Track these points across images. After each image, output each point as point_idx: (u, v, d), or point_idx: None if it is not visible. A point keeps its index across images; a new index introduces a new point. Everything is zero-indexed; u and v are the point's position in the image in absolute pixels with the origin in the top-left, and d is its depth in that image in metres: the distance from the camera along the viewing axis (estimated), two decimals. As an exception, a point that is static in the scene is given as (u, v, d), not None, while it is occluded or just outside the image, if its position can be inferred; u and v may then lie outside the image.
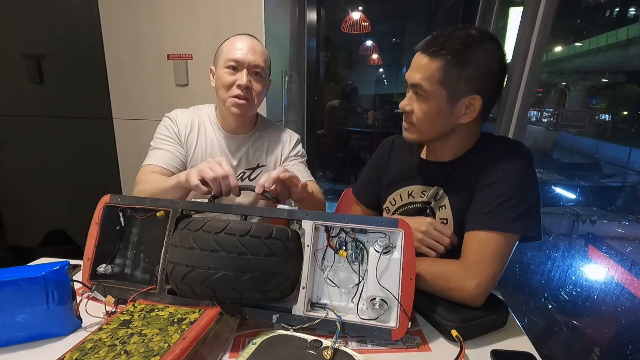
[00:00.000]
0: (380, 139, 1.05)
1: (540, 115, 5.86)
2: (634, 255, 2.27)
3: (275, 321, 0.65)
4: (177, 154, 1.03)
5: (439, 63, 0.70)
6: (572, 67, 6.11)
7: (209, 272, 0.59)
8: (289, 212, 0.67)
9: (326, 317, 0.63)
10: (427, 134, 0.79)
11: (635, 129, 5.06)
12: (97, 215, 0.74)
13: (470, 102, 0.73)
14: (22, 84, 1.79)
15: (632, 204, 3.30)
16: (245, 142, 1.10)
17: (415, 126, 0.78)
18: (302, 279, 0.65)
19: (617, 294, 2.06)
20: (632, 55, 5.08)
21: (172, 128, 1.05)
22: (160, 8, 1.60)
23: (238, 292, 0.60)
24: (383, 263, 0.63)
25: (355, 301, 0.66)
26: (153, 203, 0.74)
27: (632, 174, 4.30)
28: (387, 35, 5.14)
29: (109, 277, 0.75)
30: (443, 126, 0.77)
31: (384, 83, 5.27)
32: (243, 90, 0.98)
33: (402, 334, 0.61)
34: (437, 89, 0.72)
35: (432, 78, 0.71)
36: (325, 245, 0.67)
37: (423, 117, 0.75)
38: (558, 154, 5.29)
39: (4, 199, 2.00)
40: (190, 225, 0.63)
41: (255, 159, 1.12)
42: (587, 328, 1.85)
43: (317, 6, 2.39)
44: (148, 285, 0.71)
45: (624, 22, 5.06)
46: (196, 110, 1.11)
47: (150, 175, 0.98)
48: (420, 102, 0.75)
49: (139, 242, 0.77)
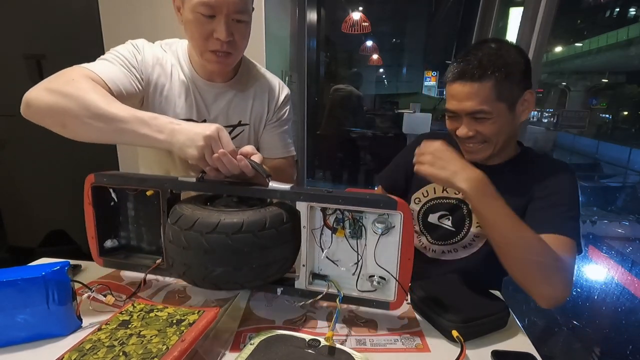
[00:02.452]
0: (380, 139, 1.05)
1: (540, 115, 5.86)
2: (634, 255, 2.27)
3: (279, 294, 0.68)
4: (131, 81, 0.76)
5: (489, 83, 0.73)
6: (572, 67, 6.12)
7: (206, 270, 0.59)
8: (282, 193, 0.64)
9: (327, 290, 0.65)
10: (500, 143, 0.81)
11: (635, 129, 5.06)
12: (87, 196, 0.72)
13: (524, 99, 0.78)
14: (22, 84, 1.78)
15: (632, 204, 3.31)
16: (224, 92, 0.89)
17: (489, 142, 0.80)
18: (301, 257, 0.66)
19: (617, 294, 2.06)
20: (632, 55, 5.09)
21: (135, 56, 0.80)
22: (160, 8, 1.60)
23: (239, 284, 0.61)
24: (381, 243, 0.64)
25: (354, 276, 0.67)
26: (139, 183, 0.69)
27: (632, 174, 4.30)
28: (387, 35, 5.14)
29: (117, 249, 0.76)
30: (510, 130, 0.80)
31: (384, 83, 5.27)
32: (223, 45, 0.76)
33: (399, 306, 0.64)
34: (496, 105, 0.75)
35: (489, 99, 0.74)
36: (322, 224, 0.66)
37: (495, 133, 0.78)
38: (558, 154, 5.29)
39: (4, 199, 1.99)
40: (180, 222, 0.60)
41: (237, 114, 0.91)
42: (587, 328, 1.85)
43: (317, 6, 2.39)
44: (156, 255, 0.73)
45: (624, 22, 5.07)
46: (165, 47, 0.86)
47: (85, 77, 0.68)
48: (484, 123, 0.77)
49: (136, 216, 0.76)
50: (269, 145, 0.98)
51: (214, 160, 0.62)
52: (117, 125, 0.63)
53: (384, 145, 3.50)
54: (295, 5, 2.00)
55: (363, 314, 0.69)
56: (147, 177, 0.71)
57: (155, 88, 0.82)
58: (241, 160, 0.64)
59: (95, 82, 0.68)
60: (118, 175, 0.71)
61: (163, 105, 0.83)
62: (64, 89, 0.64)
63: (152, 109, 0.82)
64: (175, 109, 0.84)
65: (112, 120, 0.63)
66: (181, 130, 0.63)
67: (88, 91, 0.64)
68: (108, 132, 0.64)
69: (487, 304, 0.67)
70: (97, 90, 0.66)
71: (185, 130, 0.63)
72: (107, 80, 0.71)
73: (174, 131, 0.63)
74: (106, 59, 0.76)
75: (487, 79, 0.73)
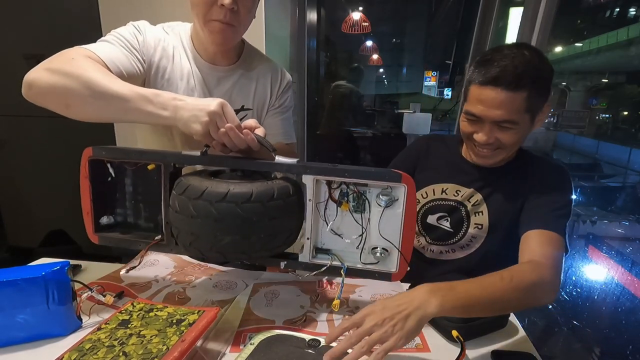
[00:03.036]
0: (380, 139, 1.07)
1: (540, 115, 5.85)
2: (634, 255, 2.26)
3: (282, 267, 0.68)
4: (132, 63, 0.75)
5: (523, 94, 0.71)
6: (572, 67, 6.11)
7: (215, 239, 0.59)
8: (288, 166, 0.64)
9: (331, 263, 0.66)
10: (512, 151, 0.82)
11: (635, 129, 5.06)
12: (84, 169, 0.70)
13: (544, 110, 0.77)
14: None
15: (632, 204, 3.30)
16: (227, 76, 0.88)
17: (503, 149, 0.79)
18: (305, 230, 0.66)
19: (617, 294, 2.06)
20: (632, 55, 5.08)
21: (137, 37, 0.78)
22: (160, 8, 1.60)
23: (246, 254, 0.62)
24: (385, 216, 0.65)
25: (358, 249, 0.68)
26: (140, 156, 0.68)
27: (632, 174, 4.29)
28: (387, 35, 5.14)
29: (113, 227, 0.74)
30: (525, 137, 0.80)
31: (384, 83, 5.27)
32: (227, 14, 0.73)
33: (401, 277, 0.66)
34: (523, 116, 0.74)
35: (519, 109, 0.72)
36: (327, 197, 0.67)
37: (514, 143, 0.77)
38: (558, 154, 5.28)
39: (4, 199, 2.00)
40: (188, 192, 0.59)
41: (240, 98, 0.90)
42: (587, 328, 1.85)
43: (317, 6, 2.39)
44: (153, 232, 0.71)
45: (624, 22, 5.06)
46: (167, 29, 0.85)
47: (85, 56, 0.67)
48: (507, 132, 0.75)
49: (135, 192, 0.74)
50: (271, 131, 0.97)
51: (220, 135, 0.62)
52: (121, 104, 0.62)
53: (384, 145, 3.50)
54: (295, 5, 2.00)
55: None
56: (149, 151, 0.70)
57: (157, 70, 0.80)
58: (247, 134, 0.63)
59: (95, 62, 0.67)
60: (118, 149, 0.70)
61: (165, 88, 0.81)
62: (64, 68, 0.63)
63: None
64: (178, 91, 0.82)
65: (115, 99, 0.62)
66: (185, 106, 0.62)
67: (89, 69, 0.63)
68: (111, 110, 0.64)
69: (487, 304, 0.67)
70: (99, 68, 0.65)
71: (190, 105, 0.62)
72: (107, 61, 0.69)
73: (178, 107, 0.62)
74: (107, 40, 0.74)
75: (522, 90, 0.70)
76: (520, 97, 0.71)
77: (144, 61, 0.78)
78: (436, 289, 0.55)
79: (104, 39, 0.75)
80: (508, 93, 0.70)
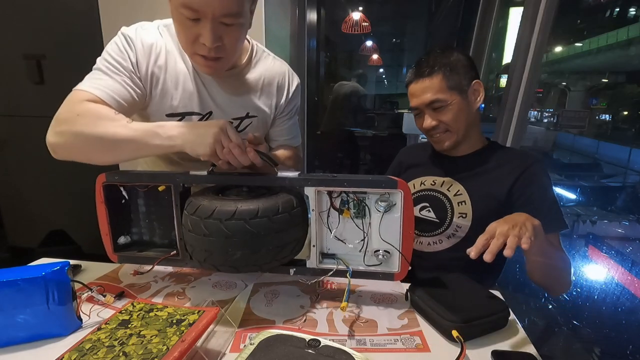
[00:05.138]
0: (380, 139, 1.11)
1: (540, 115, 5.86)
2: (634, 255, 2.27)
3: (292, 274, 0.72)
4: (128, 89, 0.74)
5: (439, 76, 0.87)
6: (572, 67, 6.12)
7: (227, 254, 0.63)
8: (291, 180, 0.69)
9: (337, 267, 0.70)
10: (462, 130, 0.91)
11: (635, 129, 5.06)
12: (99, 195, 0.73)
13: (474, 88, 0.90)
14: (22, 84, 1.79)
15: (632, 204, 3.31)
16: (230, 82, 0.83)
17: (451, 130, 0.90)
18: (311, 238, 0.70)
19: (617, 294, 2.06)
20: (632, 55, 5.08)
21: (129, 55, 0.74)
22: (160, 7, 1.60)
23: (257, 266, 0.66)
24: (385, 220, 0.69)
25: (361, 252, 0.72)
26: (150, 179, 0.73)
27: (632, 174, 4.29)
28: (387, 35, 5.14)
29: (130, 245, 0.79)
30: (468, 117, 0.91)
31: (384, 83, 5.27)
32: (211, 51, 0.70)
33: (403, 276, 0.70)
34: (449, 94, 0.88)
35: (441, 89, 0.87)
36: (329, 206, 0.71)
37: (454, 119, 0.89)
38: (558, 154, 5.28)
39: (4, 199, 1.99)
40: (199, 212, 0.63)
41: (244, 104, 0.86)
42: (587, 328, 1.85)
43: (317, 6, 2.39)
44: (168, 248, 0.77)
45: (624, 22, 5.07)
46: (163, 30, 0.80)
47: (86, 105, 0.68)
48: (443, 111, 0.89)
49: (148, 212, 0.79)
50: (279, 137, 0.99)
51: (225, 154, 0.66)
52: (131, 146, 0.67)
53: (384, 145, 3.50)
54: (295, 5, 2.00)
55: (363, 314, 0.69)
56: (158, 173, 0.75)
57: (152, 80, 0.78)
58: (250, 151, 0.67)
59: (97, 104, 0.69)
60: (129, 173, 0.74)
61: (159, 100, 0.79)
62: (73, 130, 0.67)
63: (151, 103, 0.80)
64: (172, 102, 0.80)
65: (125, 143, 0.67)
66: (190, 131, 0.67)
67: (95, 125, 0.66)
68: (126, 153, 0.69)
69: (487, 304, 0.67)
70: (102, 116, 0.68)
71: (194, 130, 0.67)
72: (106, 99, 0.70)
73: (183, 133, 0.67)
74: (100, 69, 0.74)
75: (436, 73, 0.87)
76: (437, 79, 0.87)
77: (140, 78, 0.77)
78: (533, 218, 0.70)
79: (97, 68, 0.74)
80: (426, 79, 0.88)
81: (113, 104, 0.71)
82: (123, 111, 0.72)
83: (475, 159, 0.94)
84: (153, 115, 0.81)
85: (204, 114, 0.84)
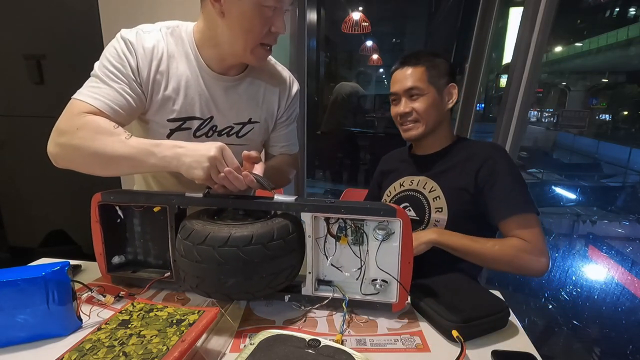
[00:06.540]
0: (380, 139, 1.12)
1: (540, 115, 5.87)
2: (634, 255, 2.27)
3: (287, 301, 0.70)
4: (128, 97, 0.74)
5: (422, 68, 0.94)
6: (572, 67, 6.12)
7: (219, 281, 0.61)
8: (287, 205, 0.66)
9: (333, 296, 0.68)
10: (430, 123, 0.96)
11: (635, 129, 5.06)
12: (94, 214, 0.73)
13: (449, 90, 0.97)
14: (22, 84, 1.79)
15: (632, 204, 3.31)
16: (234, 86, 0.84)
17: (420, 120, 0.96)
18: (307, 265, 0.68)
19: (617, 294, 2.07)
20: (632, 55, 5.08)
21: (128, 60, 0.74)
22: (160, 7, 1.60)
23: (250, 293, 0.63)
24: (383, 249, 0.67)
25: (358, 280, 0.70)
26: (147, 199, 0.71)
27: (632, 174, 4.29)
28: (387, 35, 5.14)
29: (124, 265, 0.78)
30: (438, 113, 0.96)
31: (384, 83, 5.26)
32: (276, 39, 0.78)
33: (401, 307, 0.68)
34: (427, 85, 0.94)
35: (422, 79, 0.94)
36: (326, 232, 0.69)
37: (425, 109, 0.94)
38: (558, 153, 5.28)
39: (4, 199, 2.00)
40: (192, 237, 0.62)
41: (247, 109, 0.87)
42: (587, 328, 1.85)
43: (317, 6, 2.39)
44: (163, 269, 0.75)
45: (624, 22, 5.06)
46: (165, 33, 0.79)
47: (85, 118, 0.68)
48: (417, 100, 0.95)
49: (143, 232, 0.78)
50: (277, 144, 0.99)
51: (221, 179, 0.65)
52: (128, 162, 0.67)
53: (384, 145, 3.50)
54: (295, 5, 2.00)
55: (363, 314, 0.69)
56: (154, 194, 0.74)
57: (153, 87, 0.77)
58: (246, 176, 0.66)
59: (96, 116, 0.70)
60: (124, 192, 0.74)
61: (160, 105, 0.79)
62: (72, 143, 0.68)
63: (151, 108, 0.79)
64: (174, 106, 0.79)
65: (122, 159, 0.67)
66: (186, 153, 0.65)
67: (93, 139, 0.67)
68: (123, 169, 0.70)
69: (487, 304, 0.67)
70: (101, 131, 0.68)
71: (190, 152, 0.65)
72: (105, 110, 0.71)
73: (179, 155, 0.65)
74: (98, 77, 0.73)
75: (421, 65, 0.94)
76: (420, 70, 0.94)
77: (140, 85, 0.76)
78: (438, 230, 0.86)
79: (95, 75, 0.74)
80: (410, 67, 0.95)
81: (112, 114, 0.72)
82: (122, 119, 0.73)
83: (444, 156, 0.99)
84: (153, 120, 0.81)
85: (204, 118, 0.83)
